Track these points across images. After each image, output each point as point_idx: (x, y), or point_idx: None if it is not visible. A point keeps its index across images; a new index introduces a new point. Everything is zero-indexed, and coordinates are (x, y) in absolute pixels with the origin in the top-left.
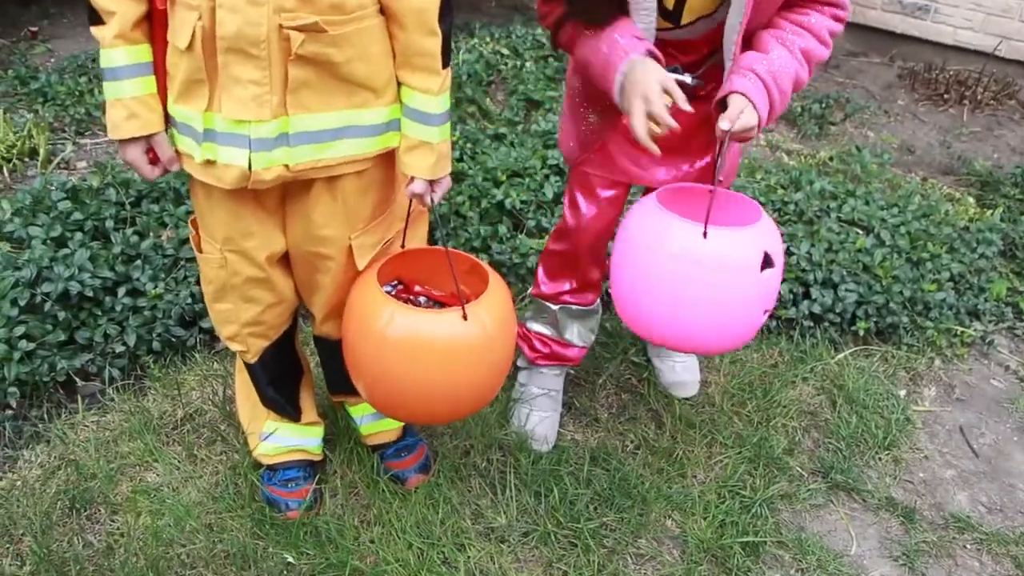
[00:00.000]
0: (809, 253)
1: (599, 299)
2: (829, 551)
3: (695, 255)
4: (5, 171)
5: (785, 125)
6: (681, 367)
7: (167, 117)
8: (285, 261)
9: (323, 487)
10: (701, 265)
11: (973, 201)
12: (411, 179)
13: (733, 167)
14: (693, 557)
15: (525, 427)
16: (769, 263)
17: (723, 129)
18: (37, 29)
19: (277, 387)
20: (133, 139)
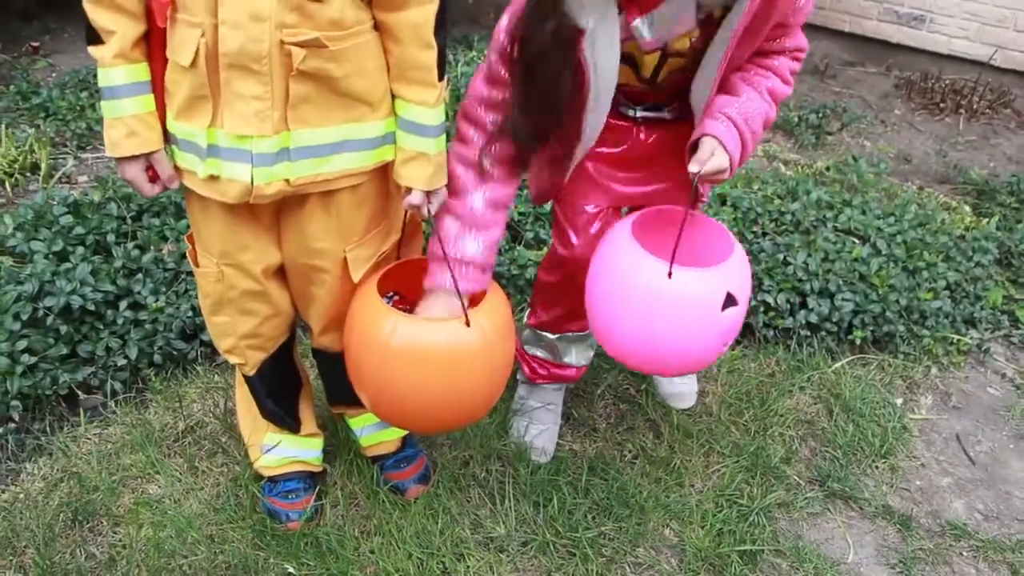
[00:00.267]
0: (806, 263)
1: None
2: (826, 559)
3: (659, 292)
4: (7, 186)
5: (782, 135)
6: (679, 378)
7: (165, 134)
8: (281, 274)
9: (324, 498)
10: (664, 302)
11: (969, 210)
12: (408, 191)
13: (706, 190)
14: (691, 566)
15: (524, 438)
16: (732, 302)
17: (692, 172)
18: (38, 44)
19: (276, 399)
20: (133, 157)
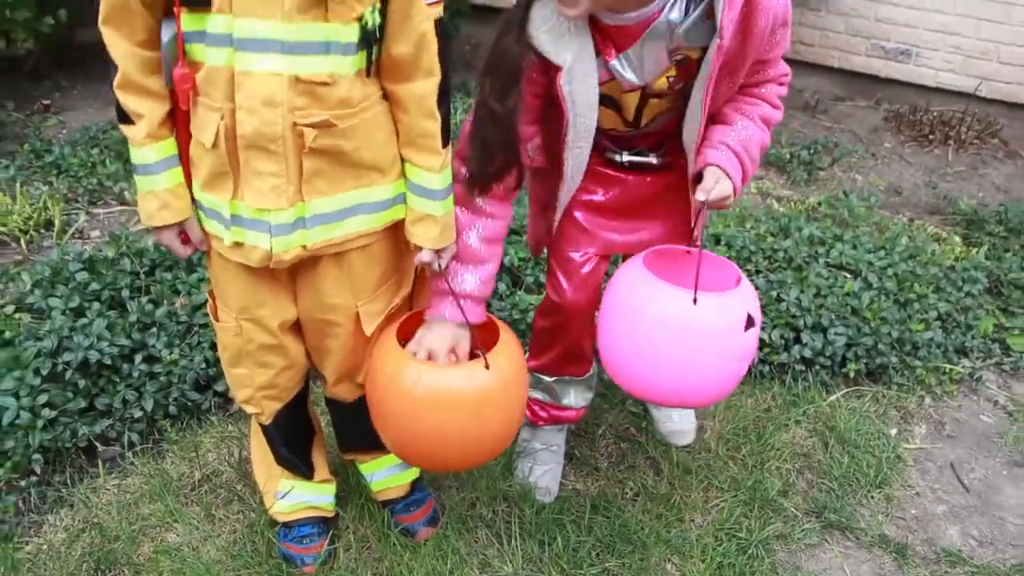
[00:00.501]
0: (799, 299)
1: (594, 363)
2: None
3: (685, 320)
4: (23, 242)
5: (775, 172)
6: (677, 416)
7: (193, 200)
8: (297, 328)
9: (337, 542)
10: (691, 330)
11: (959, 240)
12: (419, 248)
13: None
14: None
15: (528, 479)
16: (751, 323)
17: (699, 200)
18: (49, 102)
19: (291, 447)
20: (167, 225)
